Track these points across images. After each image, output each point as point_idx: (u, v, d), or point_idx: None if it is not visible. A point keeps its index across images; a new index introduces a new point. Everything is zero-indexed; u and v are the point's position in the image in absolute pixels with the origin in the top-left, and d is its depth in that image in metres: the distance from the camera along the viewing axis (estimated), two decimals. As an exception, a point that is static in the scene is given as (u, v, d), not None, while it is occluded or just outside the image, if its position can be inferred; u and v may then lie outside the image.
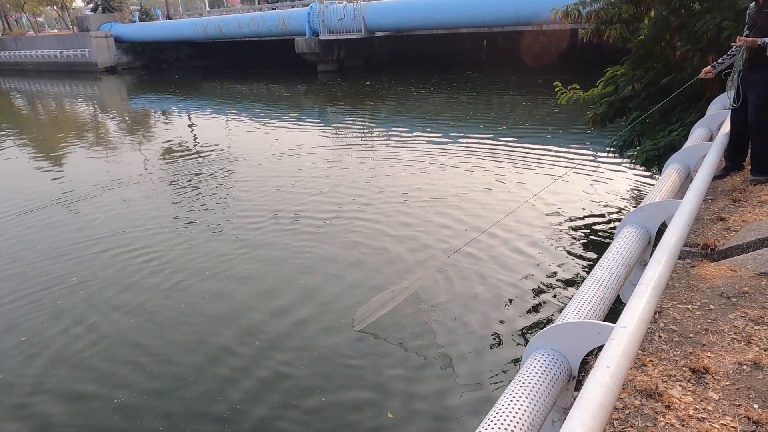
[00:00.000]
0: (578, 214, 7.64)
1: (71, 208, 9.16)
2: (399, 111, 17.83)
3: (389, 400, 4.15)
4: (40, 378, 4.70)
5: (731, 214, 3.55)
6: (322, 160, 11.30)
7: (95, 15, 40.30)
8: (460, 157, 10.95)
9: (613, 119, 8.02)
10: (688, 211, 2.63)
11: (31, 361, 4.92)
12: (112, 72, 37.71)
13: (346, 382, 4.42)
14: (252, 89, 26.03)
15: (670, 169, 4.03)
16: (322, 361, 4.67)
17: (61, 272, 6.69)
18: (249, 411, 4.15)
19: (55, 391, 4.53)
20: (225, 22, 33.29)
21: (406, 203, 8.43)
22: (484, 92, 20.49)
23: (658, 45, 7.14)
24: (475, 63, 29.24)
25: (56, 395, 4.48)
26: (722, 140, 4.24)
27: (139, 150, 13.85)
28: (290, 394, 4.30)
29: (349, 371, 4.53)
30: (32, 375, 4.74)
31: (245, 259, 6.76)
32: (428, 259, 6.42)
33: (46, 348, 5.10)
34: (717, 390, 1.95)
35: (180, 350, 4.99)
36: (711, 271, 2.82)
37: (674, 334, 2.31)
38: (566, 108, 9.23)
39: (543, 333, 2.07)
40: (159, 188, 10.05)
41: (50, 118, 22.04)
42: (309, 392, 4.29)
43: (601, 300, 2.33)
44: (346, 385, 4.38)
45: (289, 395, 4.28)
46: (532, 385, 1.87)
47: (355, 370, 4.53)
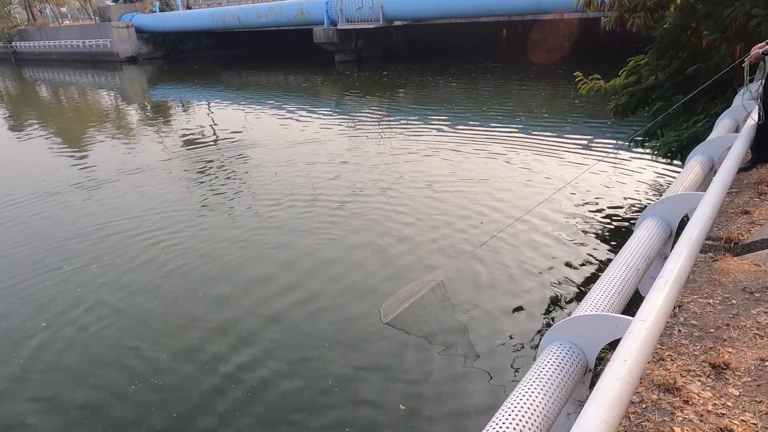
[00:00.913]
0: (600, 205, 7.55)
1: (89, 194, 9.37)
2: (417, 101, 17.71)
3: (402, 388, 4.18)
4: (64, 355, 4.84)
5: (756, 207, 3.45)
6: (339, 148, 11.32)
7: (116, 5, 40.73)
8: (479, 147, 10.87)
9: (635, 110, 7.86)
10: (711, 203, 2.57)
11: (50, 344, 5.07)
12: (132, 62, 38.16)
13: (362, 368, 4.45)
14: (270, 79, 26.11)
15: (694, 161, 3.93)
16: (347, 349, 4.71)
17: (85, 252, 6.90)
18: (257, 402, 4.22)
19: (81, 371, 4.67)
20: (244, 12, 33.40)
21: (429, 190, 8.47)
22: (504, 82, 20.23)
23: (683, 33, 6.95)
24: (495, 52, 28.86)
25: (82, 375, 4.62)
26: (748, 132, 4.12)
27: (160, 138, 14.04)
28: (306, 379, 4.36)
29: (366, 356, 4.56)
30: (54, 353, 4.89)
31: (268, 247, 6.85)
32: (448, 248, 6.42)
33: (64, 329, 5.26)
34: (737, 386, 1.92)
35: (199, 337, 5.09)
36: (734, 266, 2.76)
37: (694, 328, 2.27)
38: (587, 98, 9.07)
39: (559, 325, 2.05)
40: (179, 175, 10.19)
41: (73, 107, 22.43)
42: (324, 379, 4.34)
43: (620, 293, 2.30)
44: (359, 373, 4.42)
45: (305, 381, 4.34)
46: (548, 377, 1.86)
47: (370, 356, 4.56)
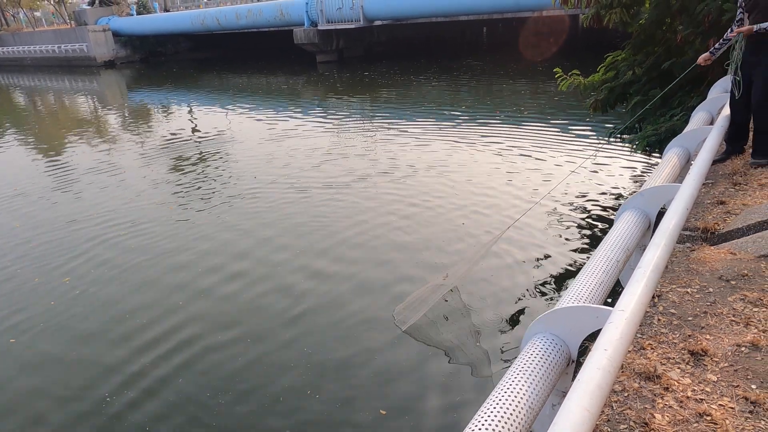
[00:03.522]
0: (583, 198, 7.63)
1: (69, 197, 9.24)
2: (398, 101, 17.74)
3: (378, 385, 4.18)
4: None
5: (731, 197, 3.54)
6: (320, 148, 11.29)
7: (92, 9, 40.09)
8: (462, 145, 10.91)
9: (614, 105, 7.97)
10: (687, 195, 2.62)
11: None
12: (110, 66, 37.60)
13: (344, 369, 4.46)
14: (251, 81, 25.92)
15: (671, 154, 4.01)
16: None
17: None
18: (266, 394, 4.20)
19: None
20: (223, 14, 33.09)
21: (414, 189, 8.48)
22: (485, 80, 20.36)
23: (658, 29, 7.07)
24: (475, 51, 29.05)
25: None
26: (722, 124, 4.22)
27: (139, 142, 13.83)
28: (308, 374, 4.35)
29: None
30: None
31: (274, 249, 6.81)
32: (431, 248, 6.45)
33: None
34: (715, 372, 1.96)
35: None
36: (710, 255, 2.82)
37: (673, 317, 2.32)
38: (567, 94, 9.19)
39: (542, 318, 2.08)
40: (159, 179, 10.07)
41: (50, 113, 22.02)
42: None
43: (600, 284, 2.34)
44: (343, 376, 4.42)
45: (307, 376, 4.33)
46: (531, 370, 1.89)
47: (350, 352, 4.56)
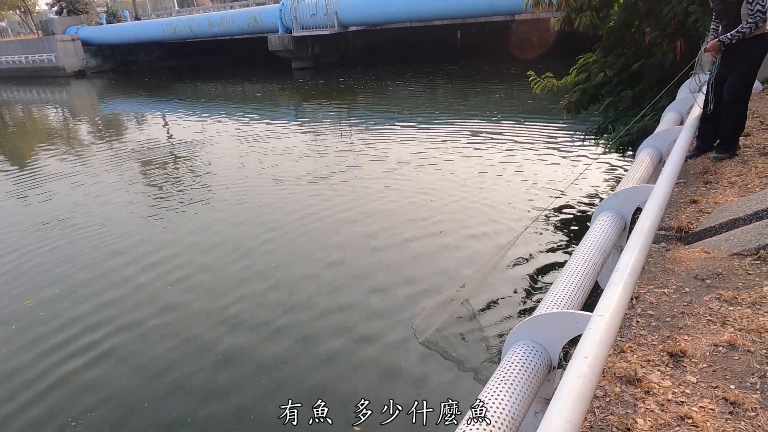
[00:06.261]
0: (561, 202, 7.66)
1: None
2: (374, 106, 17.77)
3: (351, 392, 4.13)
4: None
5: (703, 196, 3.59)
6: (297, 153, 11.20)
7: (60, 18, 39.29)
8: (439, 151, 10.94)
9: (587, 106, 8.08)
10: (660, 195, 2.65)
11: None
12: (81, 76, 36.80)
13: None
14: (226, 89, 25.64)
15: (643, 154, 4.07)
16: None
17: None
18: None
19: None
20: (195, 22, 32.72)
21: (397, 193, 8.47)
22: (460, 84, 20.53)
23: (627, 31, 7.19)
24: (450, 55, 29.26)
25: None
26: (693, 124, 4.29)
27: (111, 152, 13.51)
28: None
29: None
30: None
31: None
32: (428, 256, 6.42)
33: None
34: (694, 373, 1.97)
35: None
36: (685, 254, 2.85)
37: (651, 318, 2.33)
38: (542, 97, 9.28)
39: (522, 325, 2.06)
40: (132, 187, 9.85)
41: (18, 125, 21.42)
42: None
43: (579, 288, 2.33)
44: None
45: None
46: (512, 379, 1.86)
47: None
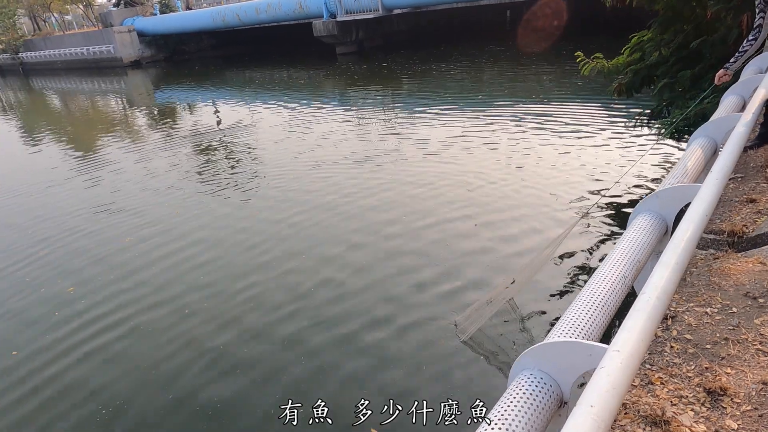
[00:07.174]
0: (614, 191, 7.08)
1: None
2: (417, 91, 17.39)
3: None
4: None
5: (763, 194, 3.15)
6: (348, 144, 11.09)
7: (118, 10, 40.78)
8: (486, 136, 10.51)
9: (640, 88, 7.51)
10: (706, 199, 2.29)
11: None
12: (136, 66, 38.23)
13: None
14: (273, 75, 25.91)
15: (695, 145, 3.61)
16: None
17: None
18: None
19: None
20: (243, 10, 33.22)
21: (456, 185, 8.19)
22: (509, 66, 19.74)
23: (687, 5, 6.58)
24: (498, 36, 28.21)
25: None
26: (753, 110, 3.78)
27: (168, 140, 13.93)
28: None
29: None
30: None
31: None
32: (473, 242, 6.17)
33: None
34: (736, 416, 1.67)
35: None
36: (736, 265, 2.48)
37: (689, 344, 2.02)
38: (592, 78, 8.69)
39: (529, 351, 1.80)
40: (193, 182, 10.07)
41: (82, 114, 22.57)
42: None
43: (602, 308, 2.04)
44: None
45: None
46: (514, 415, 1.63)
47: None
